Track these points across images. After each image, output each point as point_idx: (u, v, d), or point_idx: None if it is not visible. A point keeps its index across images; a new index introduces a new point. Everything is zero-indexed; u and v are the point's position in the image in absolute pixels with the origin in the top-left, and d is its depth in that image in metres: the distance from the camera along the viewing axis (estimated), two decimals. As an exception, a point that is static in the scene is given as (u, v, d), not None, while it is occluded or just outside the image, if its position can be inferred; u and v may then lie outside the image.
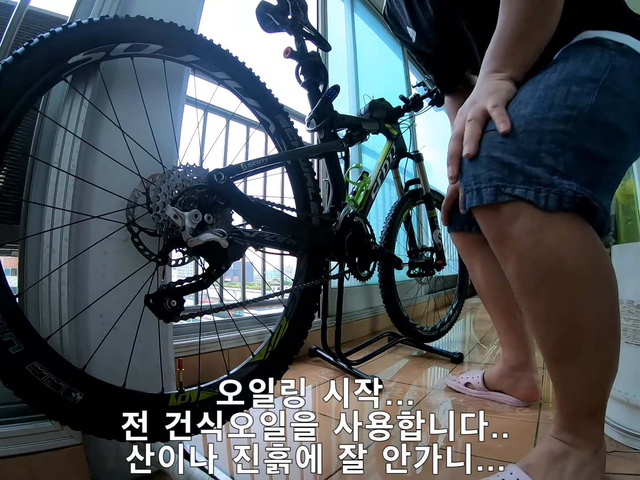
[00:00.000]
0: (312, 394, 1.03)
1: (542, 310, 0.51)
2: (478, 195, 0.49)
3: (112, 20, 0.57)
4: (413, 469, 0.66)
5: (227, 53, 0.72)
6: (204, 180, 0.59)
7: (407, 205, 1.49)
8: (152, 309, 0.52)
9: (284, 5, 0.82)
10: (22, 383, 0.45)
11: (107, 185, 0.59)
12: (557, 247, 0.47)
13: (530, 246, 0.47)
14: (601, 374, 0.52)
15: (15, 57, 0.48)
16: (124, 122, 0.62)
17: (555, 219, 0.46)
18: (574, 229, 0.47)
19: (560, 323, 0.50)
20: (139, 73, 0.64)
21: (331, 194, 0.93)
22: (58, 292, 0.57)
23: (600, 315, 0.50)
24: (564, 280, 0.48)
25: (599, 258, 0.49)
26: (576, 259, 0.47)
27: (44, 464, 0.55)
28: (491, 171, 0.47)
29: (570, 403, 0.54)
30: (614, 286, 0.51)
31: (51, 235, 0.58)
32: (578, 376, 0.52)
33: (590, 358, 0.50)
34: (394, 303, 1.42)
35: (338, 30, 2.12)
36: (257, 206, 0.66)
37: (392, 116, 1.34)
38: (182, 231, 0.54)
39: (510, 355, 0.92)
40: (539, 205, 0.45)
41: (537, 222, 0.46)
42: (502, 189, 0.47)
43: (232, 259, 0.59)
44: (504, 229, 0.49)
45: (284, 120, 0.80)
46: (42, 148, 0.64)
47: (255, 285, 1.90)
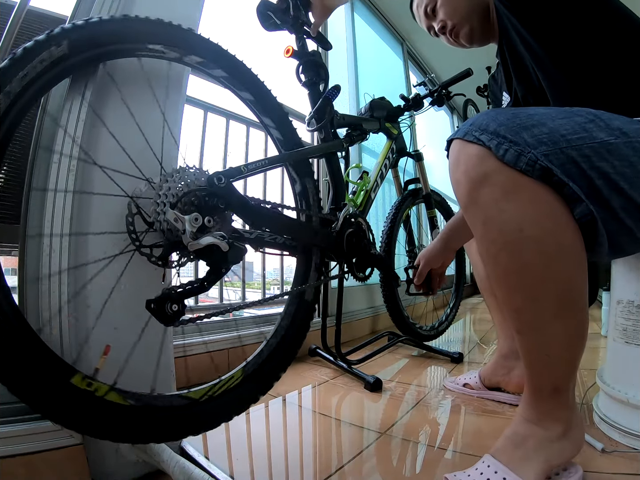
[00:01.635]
0: (312, 393, 1.03)
1: (502, 275, 0.53)
2: (456, 132, 0.55)
3: (203, 39, 0.66)
4: (413, 468, 0.66)
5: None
6: (204, 183, 0.59)
7: (408, 204, 1.50)
8: (154, 313, 0.53)
9: (285, 4, 0.82)
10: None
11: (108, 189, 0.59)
12: (519, 216, 0.49)
13: (494, 213, 0.50)
14: (563, 348, 0.52)
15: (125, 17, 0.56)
16: (123, 123, 0.62)
17: (521, 190, 0.49)
18: (539, 203, 0.49)
19: (518, 289, 0.52)
20: (138, 74, 0.64)
21: (331, 194, 0.93)
22: (58, 292, 0.57)
23: (558, 287, 0.50)
24: (522, 248, 0.50)
25: (558, 235, 0.49)
26: (535, 231, 0.49)
27: (44, 464, 0.55)
28: (477, 120, 0.53)
29: (534, 378, 0.55)
30: (576, 263, 0.51)
31: (51, 235, 0.58)
32: (539, 349, 0.53)
33: (550, 329, 0.51)
34: (394, 303, 1.42)
35: (338, 30, 2.12)
36: (258, 209, 0.66)
37: (392, 115, 1.34)
38: (183, 235, 0.54)
39: (504, 344, 0.95)
40: (497, 154, 0.49)
41: (503, 192, 0.49)
42: (473, 132, 0.52)
43: (232, 262, 0.58)
44: (472, 195, 0.52)
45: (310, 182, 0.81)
46: (43, 143, 0.64)
47: (255, 285, 1.90)
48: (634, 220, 0.51)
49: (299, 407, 0.95)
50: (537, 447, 0.52)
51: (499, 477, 0.50)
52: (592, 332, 1.62)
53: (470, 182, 0.52)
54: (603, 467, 0.60)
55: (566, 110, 0.54)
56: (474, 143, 0.51)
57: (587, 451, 0.64)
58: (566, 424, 0.54)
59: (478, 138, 0.51)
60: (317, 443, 0.75)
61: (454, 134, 0.55)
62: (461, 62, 1.58)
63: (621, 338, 0.71)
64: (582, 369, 1.13)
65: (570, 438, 0.54)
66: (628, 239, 0.53)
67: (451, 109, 4.17)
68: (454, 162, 0.55)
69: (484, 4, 0.80)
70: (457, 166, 0.54)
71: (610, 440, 0.68)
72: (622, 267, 0.74)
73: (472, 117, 0.56)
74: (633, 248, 0.57)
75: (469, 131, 0.53)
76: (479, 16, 0.81)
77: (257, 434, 0.80)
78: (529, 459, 0.51)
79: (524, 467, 0.51)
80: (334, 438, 0.78)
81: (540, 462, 0.51)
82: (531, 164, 0.48)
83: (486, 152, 0.50)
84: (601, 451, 0.63)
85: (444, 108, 4.04)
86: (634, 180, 0.49)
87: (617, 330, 0.72)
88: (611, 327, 0.75)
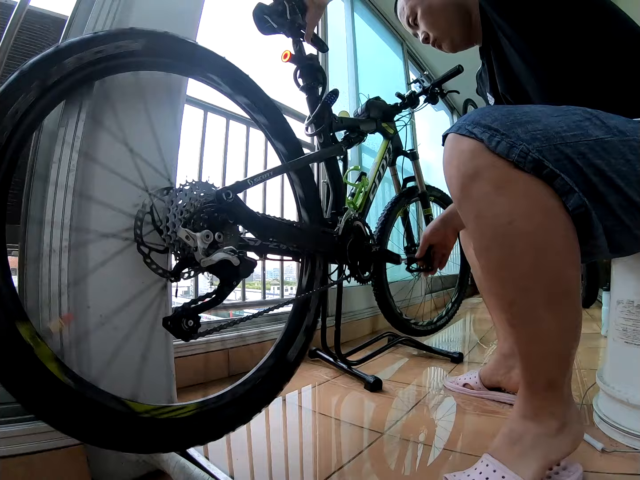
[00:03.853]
0: (312, 393, 1.03)
1: (494, 268, 0.54)
2: (451, 127, 0.55)
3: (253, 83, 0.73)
4: (412, 468, 0.66)
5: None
6: (212, 199, 0.59)
7: (402, 204, 1.50)
8: (171, 330, 0.55)
9: (281, 7, 0.82)
10: None
11: (110, 200, 0.60)
12: (510, 209, 0.49)
13: (486, 207, 0.51)
14: (555, 341, 0.52)
15: None
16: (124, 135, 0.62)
17: (513, 184, 0.49)
18: (530, 196, 0.49)
19: (510, 282, 0.52)
20: (137, 85, 0.64)
21: (331, 198, 0.94)
22: (58, 292, 0.57)
23: (549, 279, 0.50)
24: (512, 241, 0.50)
25: (549, 228, 0.49)
26: (526, 223, 0.49)
27: (43, 464, 0.55)
28: (472, 115, 0.53)
29: (529, 372, 0.55)
30: (567, 256, 0.51)
31: (51, 235, 0.58)
32: (533, 343, 0.53)
33: (542, 322, 0.51)
34: (385, 301, 1.44)
35: (338, 30, 2.12)
36: (264, 221, 0.68)
37: (388, 115, 1.35)
38: (195, 252, 0.56)
39: (505, 343, 0.96)
40: (490, 146, 0.49)
41: (494, 186, 0.49)
42: (466, 126, 0.52)
43: (243, 275, 0.60)
44: (465, 190, 0.52)
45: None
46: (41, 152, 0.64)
47: (255, 285, 1.90)
48: (631, 218, 0.51)
49: (299, 407, 0.95)
50: (534, 443, 0.52)
51: (497, 475, 0.50)
52: (592, 332, 1.62)
53: (463, 177, 0.52)
54: (603, 467, 0.60)
55: (562, 109, 0.54)
56: (467, 137, 0.51)
57: (587, 451, 0.64)
58: (562, 419, 0.53)
59: (471, 131, 0.51)
60: (317, 443, 0.75)
61: (449, 129, 0.56)
62: (461, 61, 1.57)
63: (621, 338, 0.71)
64: (582, 369, 1.13)
65: (567, 433, 0.53)
66: (627, 236, 0.53)
67: (451, 109, 4.17)
68: (447, 157, 0.55)
69: (463, 11, 0.80)
70: (450, 161, 0.54)
71: (610, 440, 0.68)
72: (622, 267, 0.74)
73: (468, 112, 0.56)
74: (632, 246, 0.57)
75: (462, 125, 0.53)
76: (459, 26, 0.82)
77: (257, 434, 0.80)
78: (526, 456, 0.51)
79: (521, 464, 0.51)
80: (333, 438, 0.78)
81: (537, 459, 0.51)
82: (523, 155, 0.48)
83: (479, 146, 0.50)
84: (601, 451, 0.63)
85: (444, 108, 4.03)
86: (631, 177, 0.50)
87: (617, 330, 0.72)
88: (611, 327, 0.75)
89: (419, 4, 0.84)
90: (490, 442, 0.57)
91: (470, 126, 0.52)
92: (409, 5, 0.87)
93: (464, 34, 0.83)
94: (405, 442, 0.74)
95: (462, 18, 0.81)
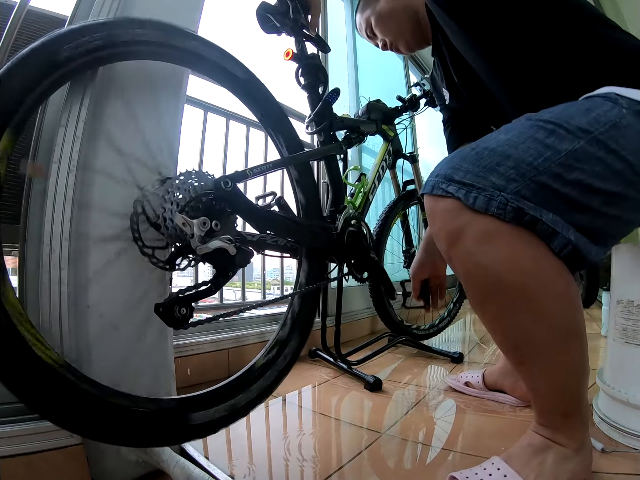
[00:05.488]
0: (312, 393, 1.03)
1: (493, 320, 0.54)
2: (425, 186, 0.55)
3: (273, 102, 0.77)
4: (412, 468, 0.66)
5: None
6: (210, 187, 0.59)
7: (400, 207, 1.50)
8: (162, 317, 0.53)
9: (284, 6, 0.82)
10: None
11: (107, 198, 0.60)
12: (497, 266, 0.49)
13: (472, 267, 0.51)
14: (566, 377, 0.52)
15: None
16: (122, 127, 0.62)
17: (496, 237, 0.48)
18: (515, 247, 0.48)
19: (511, 332, 0.52)
20: (136, 76, 0.64)
21: (330, 196, 0.94)
22: (58, 292, 0.57)
23: (550, 325, 0.50)
24: (506, 296, 0.50)
25: (540, 275, 0.49)
26: (516, 276, 0.49)
27: (44, 464, 0.55)
28: (442, 170, 0.52)
29: (542, 403, 0.55)
30: (565, 297, 0.50)
31: (51, 235, 0.58)
32: (543, 379, 0.53)
33: (550, 363, 0.51)
34: (384, 309, 1.43)
35: (338, 31, 2.12)
36: (262, 212, 0.67)
37: (388, 117, 1.35)
38: (191, 239, 0.55)
39: None
40: (468, 203, 0.48)
41: (478, 243, 0.49)
42: (440, 185, 0.51)
43: (240, 265, 0.59)
44: (450, 251, 0.52)
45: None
46: (43, 143, 0.64)
47: (255, 285, 1.90)
48: (616, 208, 0.51)
49: (299, 407, 0.95)
50: (555, 461, 0.52)
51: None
52: (592, 332, 1.62)
53: (447, 238, 0.52)
54: (603, 467, 0.60)
55: (524, 130, 0.52)
56: (444, 197, 0.51)
57: (587, 451, 0.64)
58: (581, 443, 0.53)
59: (446, 190, 0.50)
60: (316, 443, 0.74)
61: (423, 188, 0.55)
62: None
63: (621, 338, 0.71)
64: (582, 369, 1.12)
65: (583, 456, 0.53)
66: (618, 223, 0.54)
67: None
68: (430, 219, 0.55)
69: (411, 14, 0.86)
70: (434, 223, 0.54)
71: (610, 440, 0.68)
72: (622, 267, 0.74)
73: (436, 166, 0.55)
74: (626, 229, 0.58)
75: (435, 184, 0.52)
76: (410, 27, 0.88)
77: (257, 434, 0.80)
78: (542, 473, 0.51)
79: (534, 478, 0.50)
80: (333, 438, 0.78)
81: (550, 477, 0.51)
82: (502, 207, 0.47)
83: (457, 204, 0.50)
84: (601, 451, 0.63)
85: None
86: (605, 173, 0.49)
87: (617, 330, 0.72)
88: (611, 327, 0.75)
89: (371, 14, 0.92)
90: (491, 442, 0.57)
91: (444, 185, 0.51)
92: (364, 18, 0.94)
93: (416, 34, 0.88)
94: (405, 442, 0.74)
95: (411, 19, 0.87)
